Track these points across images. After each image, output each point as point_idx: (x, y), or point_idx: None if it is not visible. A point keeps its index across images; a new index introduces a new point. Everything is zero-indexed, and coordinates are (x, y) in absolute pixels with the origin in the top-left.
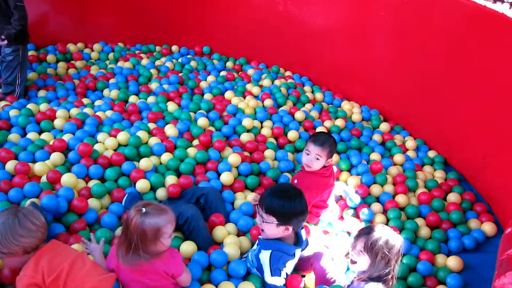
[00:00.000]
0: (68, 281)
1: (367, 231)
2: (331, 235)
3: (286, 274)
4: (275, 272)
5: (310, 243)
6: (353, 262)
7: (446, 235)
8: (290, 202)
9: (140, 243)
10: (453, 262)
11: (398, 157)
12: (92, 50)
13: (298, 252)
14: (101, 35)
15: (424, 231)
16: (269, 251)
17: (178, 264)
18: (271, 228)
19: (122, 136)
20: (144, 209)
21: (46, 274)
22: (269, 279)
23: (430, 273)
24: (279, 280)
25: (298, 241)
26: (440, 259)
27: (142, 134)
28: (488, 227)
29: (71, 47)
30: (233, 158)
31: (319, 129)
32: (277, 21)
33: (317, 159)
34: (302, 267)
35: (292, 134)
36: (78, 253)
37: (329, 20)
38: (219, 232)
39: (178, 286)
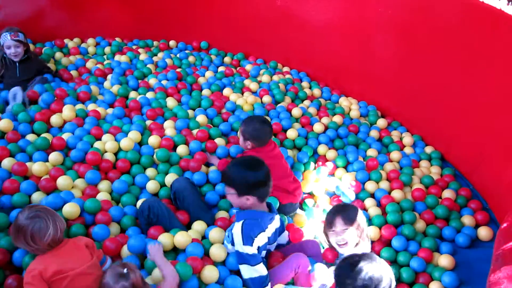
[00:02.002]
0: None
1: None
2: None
3: (259, 247)
4: (247, 240)
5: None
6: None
7: (439, 231)
8: (248, 172)
9: None
10: (445, 260)
11: (395, 154)
12: (89, 46)
13: (274, 223)
14: (98, 30)
15: (420, 224)
16: (241, 221)
17: None
18: (234, 199)
19: (125, 142)
20: (125, 270)
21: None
22: (240, 247)
23: (423, 270)
24: (251, 249)
25: (271, 211)
26: (433, 257)
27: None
28: (484, 232)
29: (69, 43)
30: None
31: (316, 126)
32: (275, 16)
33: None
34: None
35: (290, 131)
36: (91, 261)
37: (327, 15)
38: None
39: None
